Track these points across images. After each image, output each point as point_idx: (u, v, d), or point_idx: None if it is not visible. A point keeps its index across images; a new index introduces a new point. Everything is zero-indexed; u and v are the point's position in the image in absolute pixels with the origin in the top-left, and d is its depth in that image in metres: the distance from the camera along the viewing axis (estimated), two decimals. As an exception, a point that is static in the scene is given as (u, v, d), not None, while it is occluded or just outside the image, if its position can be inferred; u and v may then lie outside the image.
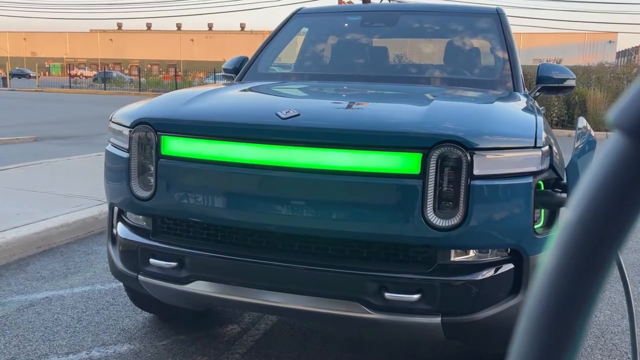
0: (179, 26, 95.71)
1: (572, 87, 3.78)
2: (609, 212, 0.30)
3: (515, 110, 2.84)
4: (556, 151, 2.43)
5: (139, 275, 2.57)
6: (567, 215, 0.31)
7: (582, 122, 2.64)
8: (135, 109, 2.71)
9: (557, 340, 0.30)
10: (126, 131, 2.58)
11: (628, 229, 0.30)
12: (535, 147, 2.21)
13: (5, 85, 39.72)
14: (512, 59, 3.66)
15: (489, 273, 2.23)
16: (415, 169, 2.16)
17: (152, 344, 3.10)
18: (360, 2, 20.65)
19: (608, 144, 0.31)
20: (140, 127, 2.52)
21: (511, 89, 3.46)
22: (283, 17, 4.48)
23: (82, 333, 3.21)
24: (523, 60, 3.90)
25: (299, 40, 4.43)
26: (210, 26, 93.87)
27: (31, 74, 58.10)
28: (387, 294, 2.19)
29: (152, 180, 2.50)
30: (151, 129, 2.50)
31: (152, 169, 2.51)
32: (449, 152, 2.14)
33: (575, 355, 0.31)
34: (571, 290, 0.30)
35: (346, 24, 4.48)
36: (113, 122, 2.78)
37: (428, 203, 2.14)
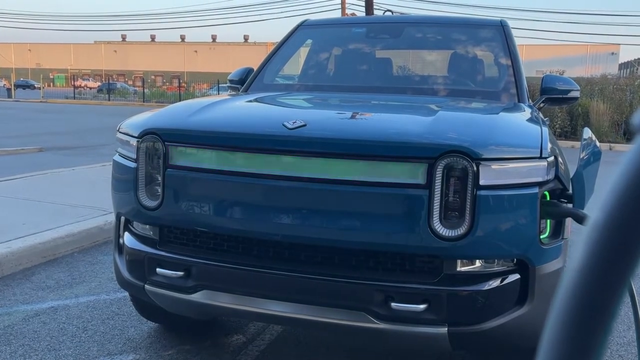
0: (182, 38, 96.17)
1: (576, 99, 3.80)
2: (635, 213, 0.31)
3: (521, 120, 2.86)
4: (562, 161, 2.44)
5: (145, 285, 2.58)
6: (594, 216, 0.33)
7: (587, 132, 2.65)
8: (143, 119, 2.73)
9: (585, 339, 0.31)
10: (134, 141, 2.60)
11: None
12: (540, 157, 2.22)
13: (10, 96, 39.86)
14: (516, 70, 3.69)
15: (495, 283, 2.23)
16: (422, 179, 2.17)
17: (158, 353, 3.11)
18: (364, 14, 20.75)
19: (633, 146, 0.33)
20: (148, 138, 2.55)
21: (516, 100, 3.48)
22: (286, 29, 4.51)
23: (88, 343, 3.21)
24: (526, 71, 3.92)
25: (303, 51, 4.47)
26: (213, 38, 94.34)
27: (36, 85, 58.36)
28: (393, 304, 2.20)
29: (160, 190, 2.52)
30: (159, 139, 2.52)
31: (160, 178, 2.52)
32: (455, 162, 2.15)
33: (602, 353, 0.32)
34: (598, 289, 0.31)
35: (350, 36, 4.51)
36: (121, 132, 2.80)
37: (434, 213, 2.15)
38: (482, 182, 2.14)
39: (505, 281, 2.24)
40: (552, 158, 2.28)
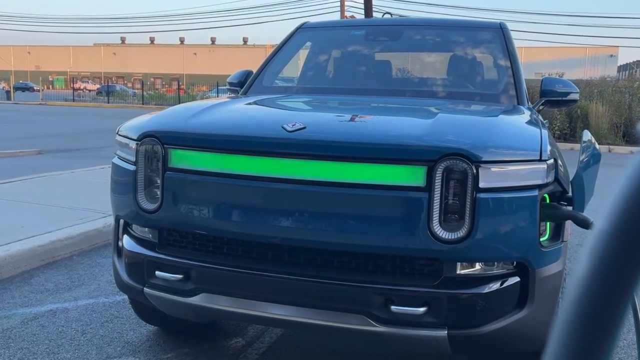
0: (182, 40, 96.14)
1: (575, 101, 3.80)
2: None
3: (520, 123, 2.86)
4: (561, 164, 2.44)
5: (144, 288, 2.57)
6: (599, 224, 0.32)
7: (586, 135, 2.66)
8: (142, 121, 2.73)
9: (590, 348, 0.31)
10: (133, 144, 2.60)
11: None
12: (540, 160, 2.22)
13: (9, 98, 39.87)
14: (515, 73, 3.69)
15: (495, 286, 2.22)
16: (421, 182, 2.17)
17: (157, 357, 3.10)
18: (363, 17, 20.77)
19: (638, 154, 0.32)
20: (147, 140, 2.54)
21: (515, 102, 3.48)
22: (285, 32, 4.51)
23: (87, 346, 3.20)
24: (525, 74, 3.93)
25: (302, 54, 4.47)
26: (213, 40, 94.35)
27: (35, 88, 58.34)
28: (393, 307, 2.19)
29: (159, 192, 2.51)
30: (158, 141, 2.51)
31: (159, 181, 2.52)
32: (454, 164, 2.15)
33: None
34: (604, 298, 0.31)
35: (350, 38, 4.51)
36: (120, 134, 2.80)
37: (434, 216, 2.15)
38: (481, 184, 2.14)
39: (505, 284, 2.23)
40: (551, 160, 2.28)
